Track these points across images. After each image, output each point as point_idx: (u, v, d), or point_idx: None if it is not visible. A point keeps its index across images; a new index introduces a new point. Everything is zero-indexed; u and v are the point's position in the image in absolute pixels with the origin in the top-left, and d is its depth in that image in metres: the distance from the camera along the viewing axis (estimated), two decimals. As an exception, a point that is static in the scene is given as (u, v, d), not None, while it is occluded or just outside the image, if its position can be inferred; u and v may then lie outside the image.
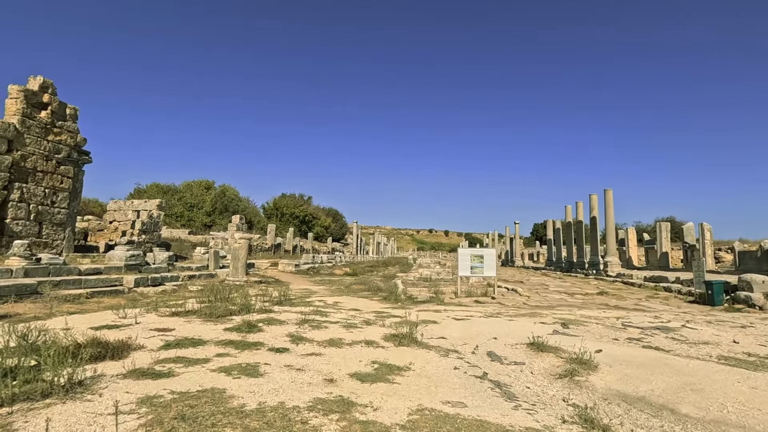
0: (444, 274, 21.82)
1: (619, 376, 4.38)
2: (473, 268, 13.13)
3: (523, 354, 5.34)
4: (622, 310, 10.20)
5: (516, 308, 10.26)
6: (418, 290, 13.62)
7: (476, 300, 11.74)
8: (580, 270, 22.42)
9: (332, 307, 9.30)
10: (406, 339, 5.73)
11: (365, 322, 7.37)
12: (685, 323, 8.13)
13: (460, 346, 5.77)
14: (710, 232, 18.49)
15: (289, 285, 15.92)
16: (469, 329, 6.93)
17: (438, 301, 11.51)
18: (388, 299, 11.47)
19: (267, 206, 52.34)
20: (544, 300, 12.20)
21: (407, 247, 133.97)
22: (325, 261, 28.41)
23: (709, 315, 9.56)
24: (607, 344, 6.11)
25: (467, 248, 13.55)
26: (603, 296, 13.49)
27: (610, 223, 19.58)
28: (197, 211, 35.84)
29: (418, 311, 9.06)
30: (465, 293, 12.99)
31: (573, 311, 9.81)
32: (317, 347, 5.29)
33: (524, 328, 7.14)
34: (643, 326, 7.81)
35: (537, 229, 76.61)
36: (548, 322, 8.00)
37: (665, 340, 6.59)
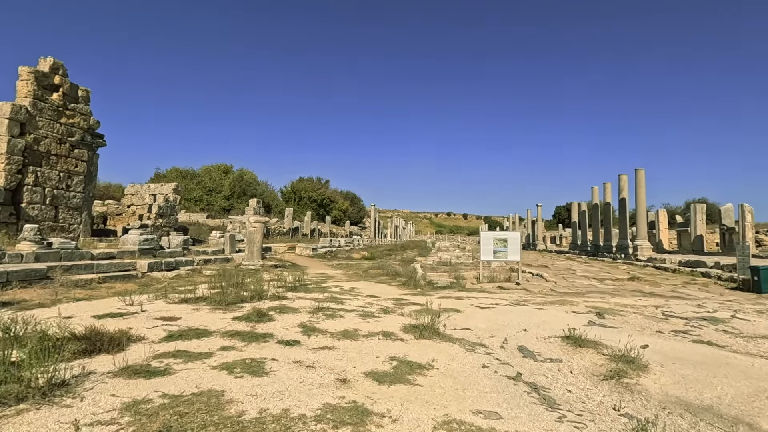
0: (464, 258, 21.24)
1: (675, 379, 3.79)
2: (496, 252, 12.51)
3: (559, 349, 4.79)
4: (659, 298, 9.47)
5: (543, 295, 9.66)
6: (438, 275, 13.11)
7: (499, 286, 11.16)
8: (607, 254, 21.44)
9: (348, 294, 8.89)
10: (428, 330, 5.24)
11: (383, 310, 6.91)
12: (734, 313, 7.40)
13: (487, 339, 5.25)
14: (751, 214, 17.25)
15: (306, 269, 15.64)
16: (496, 319, 6.39)
17: (459, 287, 10.98)
18: (407, 285, 11.00)
19: (285, 190, 52.33)
20: (572, 286, 11.53)
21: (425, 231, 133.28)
22: (343, 245, 28.13)
23: (758, 304, 8.75)
24: (651, 338, 5.50)
25: (489, 232, 12.92)
26: (635, 282, 12.71)
27: (641, 204, 18.49)
28: (216, 195, 35.94)
29: (438, 298, 8.57)
30: (487, 278, 12.42)
31: (605, 299, 9.15)
32: (330, 340, 4.85)
33: (556, 318, 6.56)
34: (687, 317, 7.12)
35: (559, 212, 74.78)
36: (581, 311, 7.40)
37: (716, 333, 5.92)
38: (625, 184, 20.14)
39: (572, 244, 28.23)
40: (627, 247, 19.64)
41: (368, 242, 37.86)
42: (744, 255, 11.22)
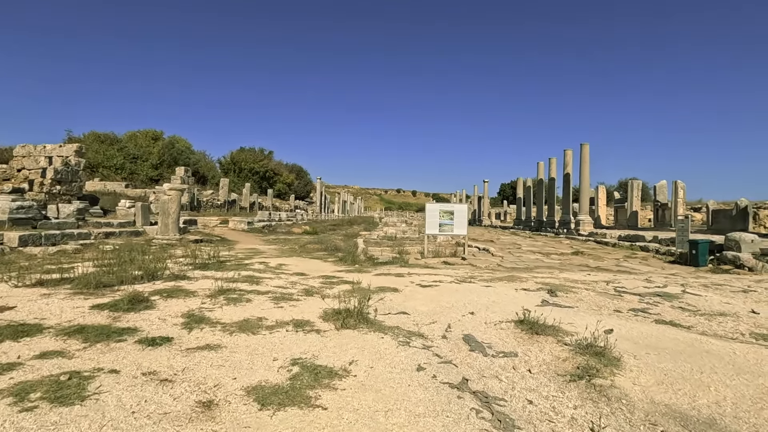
0: (410, 232, 20.49)
1: (657, 377, 2.98)
2: (442, 226, 11.69)
3: (513, 338, 3.88)
4: (606, 272, 9.09)
5: (490, 271, 8.94)
6: (380, 250, 12.12)
7: (445, 261, 10.36)
8: (550, 229, 21.68)
9: (272, 271, 7.60)
10: (354, 317, 4.14)
11: (306, 291, 5.72)
12: (683, 288, 7.02)
13: (427, 325, 4.25)
14: (683, 191, 17.93)
15: (234, 244, 14.04)
16: (439, 299, 5.44)
17: (402, 263, 10.04)
18: (345, 261, 9.88)
19: (224, 161, 48.79)
20: (519, 261, 11.00)
21: (375, 207, 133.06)
22: (284, 219, 26.43)
23: (700, 277, 8.59)
24: (612, 318, 4.80)
25: (436, 204, 12.05)
26: (579, 256, 12.49)
27: (585, 180, 18.62)
28: (142, 163, 32.35)
29: (376, 275, 7.52)
30: (432, 253, 11.61)
31: (554, 274, 8.59)
32: (219, 335, 3.61)
33: (506, 297, 5.74)
34: (640, 292, 6.62)
35: (504, 189, 76.84)
36: (531, 288, 6.67)
37: (674, 311, 5.37)
38: (569, 159, 20.21)
39: (517, 220, 28.59)
40: (569, 223, 19.85)
41: (313, 217, 36.25)
42: (683, 230, 11.21)
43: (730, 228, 15.27)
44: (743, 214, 14.79)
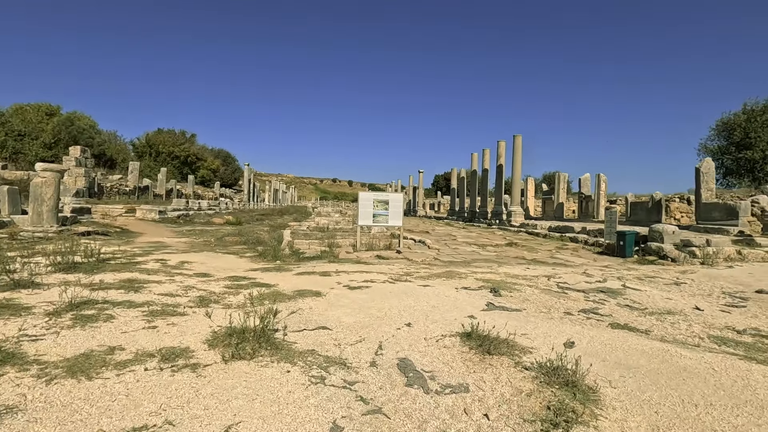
0: (343, 223, 19.44)
1: (649, 419, 2.27)
2: (376, 216, 10.80)
3: (460, 360, 3.04)
4: (543, 266, 8.79)
5: (427, 265, 8.21)
6: (309, 243, 10.96)
7: (378, 255, 9.48)
8: (483, 220, 21.86)
9: (166, 272, 6.17)
10: (253, 340, 3.05)
11: (201, 300, 4.48)
12: (623, 283, 6.76)
13: (353, 345, 3.28)
14: (605, 183, 18.86)
15: (137, 237, 12.06)
16: (370, 306, 4.49)
17: (331, 258, 9.00)
18: (264, 256, 8.61)
19: (138, 143, 43.92)
20: (456, 254, 10.45)
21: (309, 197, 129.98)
22: (205, 208, 24.05)
23: (632, 269, 8.56)
24: (566, 324, 4.18)
25: (370, 192, 11.11)
26: (513, 248, 12.31)
27: (517, 171, 18.84)
28: (31, 142, 27.73)
29: (299, 274, 6.42)
30: (365, 246, 10.68)
31: (493, 268, 8.07)
32: (26, 385, 2.33)
33: (447, 300, 4.95)
34: (583, 288, 6.23)
35: (437, 180, 78.38)
36: (473, 286, 5.99)
37: (624, 311, 4.94)
38: (503, 150, 20.39)
39: (450, 211, 28.72)
40: (501, 214, 20.07)
41: (240, 206, 33.76)
42: (611, 221, 11.38)
43: (647, 219, 16.19)
44: (658, 207, 15.70)
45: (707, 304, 5.49)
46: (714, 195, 13.74)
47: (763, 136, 28.23)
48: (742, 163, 30.03)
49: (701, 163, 13.84)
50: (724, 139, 31.10)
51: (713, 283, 7.08)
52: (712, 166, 13.81)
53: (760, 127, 28.52)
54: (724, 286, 6.82)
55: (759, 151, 28.20)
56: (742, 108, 30.42)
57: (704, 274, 7.98)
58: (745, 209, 12.05)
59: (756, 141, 28.33)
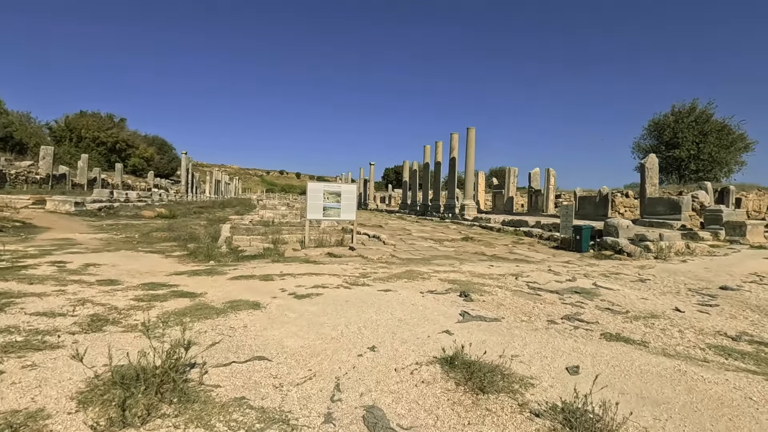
0: (290, 217, 18.21)
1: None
2: (327, 210, 9.83)
3: (447, 404, 2.26)
4: (505, 262, 8.32)
5: (385, 264, 7.41)
6: (250, 239, 9.78)
7: (330, 253, 8.55)
8: (436, 214, 21.51)
9: (58, 281, 4.86)
10: (148, 392, 2.06)
11: (91, 322, 3.35)
12: (593, 282, 6.37)
13: (299, 386, 2.39)
14: (554, 178, 19.19)
15: (41, 233, 10.22)
16: (322, 322, 3.61)
17: (276, 256, 7.95)
18: (196, 255, 7.40)
19: (56, 126, 39.15)
20: (413, 250, 9.75)
21: (255, 189, 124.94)
22: (134, 199, 21.66)
23: (593, 266, 8.32)
24: (555, 337, 3.56)
25: (319, 183, 10.11)
26: (470, 243, 11.88)
27: (471, 164, 18.59)
28: None
29: (235, 278, 5.36)
30: (315, 242, 9.70)
31: (455, 266, 7.45)
32: None
33: (414, 310, 4.17)
34: (555, 289, 5.73)
35: (387, 173, 78.07)
36: (439, 288, 5.27)
37: (607, 316, 4.45)
38: (456, 143, 20.08)
39: (402, 204, 28.24)
40: (454, 207, 19.79)
41: (177, 198, 31.11)
42: (567, 216, 11.25)
43: (594, 213, 16.55)
44: (605, 201, 16.06)
45: (682, 304, 5.17)
46: (657, 190, 14.20)
47: (689, 136, 30.43)
48: (670, 161, 32.29)
49: (646, 159, 14.22)
50: (655, 139, 33.27)
51: (674, 279, 6.93)
52: (656, 162, 14.25)
53: (686, 127, 30.71)
54: (686, 282, 6.66)
55: (685, 150, 30.39)
56: (671, 110, 32.66)
57: (662, 269, 7.88)
58: (687, 204, 12.46)
59: (683, 141, 30.50)
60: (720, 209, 11.25)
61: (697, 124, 30.59)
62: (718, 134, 30.20)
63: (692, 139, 30.34)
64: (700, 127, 30.44)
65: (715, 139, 30.03)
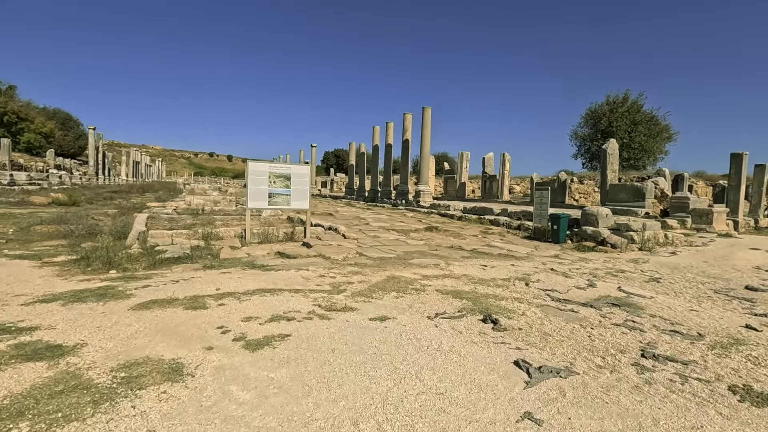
0: (224, 203, 15.82)
1: None
2: (273, 196, 7.95)
3: None
4: (495, 260, 7.07)
5: (356, 267, 5.79)
6: (173, 234, 7.62)
7: (280, 252, 6.74)
8: (387, 200, 20.11)
9: None
10: None
11: None
12: (619, 287, 5.28)
13: None
14: (510, 163, 18.62)
15: None
16: (303, 417, 1.94)
17: (208, 258, 6.01)
18: (90, 261, 5.25)
19: None
20: (380, 245, 8.21)
21: (182, 172, 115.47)
22: (23, 182, 17.75)
23: (585, 260, 7.37)
24: (692, 410, 2.24)
25: (263, 163, 8.12)
26: (436, 233, 10.61)
27: (426, 147, 17.31)
28: None
29: (142, 306, 3.45)
30: (258, 237, 7.81)
31: (442, 267, 6.03)
32: None
33: (446, 363, 2.64)
34: (582, 300, 4.52)
35: (327, 157, 75.33)
36: (448, 310, 3.81)
37: (685, 345, 3.29)
38: (409, 124, 18.67)
39: (348, 190, 26.44)
40: (407, 193, 18.51)
41: (84, 181, 26.63)
42: (542, 203, 10.35)
43: (552, 200, 16.09)
44: (563, 187, 15.66)
45: (737, 316, 4.19)
46: (617, 176, 13.93)
47: (623, 125, 31.83)
48: (605, 149, 33.78)
49: (608, 144, 13.84)
50: (591, 127, 34.54)
51: (684, 277, 6.10)
52: (616, 147, 13.94)
53: (620, 116, 32.08)
54: (702, 281, 5.83)
55: (619, 139, 31.78)
56: (606, 99, 33.96)
57: (659, 264, 7.11)
58: (651, 191, 12.19)
59: (617, 130, 31.85)
60: (687, 196, 11.06)
61: (629, 114, 32.13)
62: (647, 124, 31.94)
63: (625, 129, 31.79)
64: (632, 117, 32.00)
65: (645, 128, 31.71)
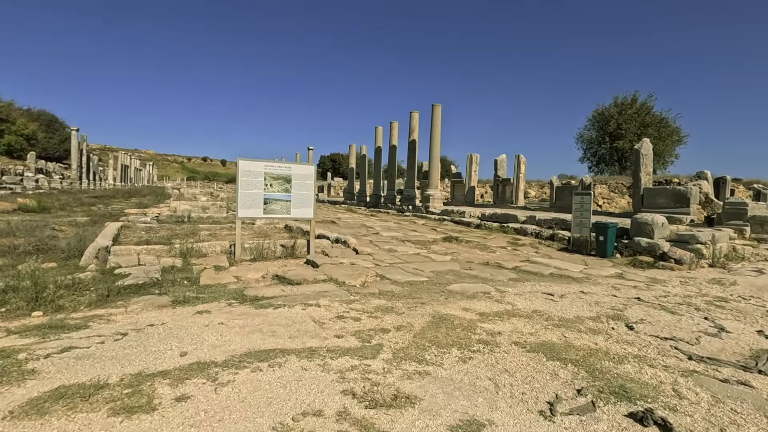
0: (214, 209, 14.25)
1: None
2: (270, 203, 6.44)
3: None
4: (553, 281, 5.59)
5: (384, 300, 4.26)
6: (143, 250, 6.05)
7: (279, 275, 5.21)
8: (392, 205, 18.60)
9: None
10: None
11: None
12: (759, 329, 3.83)
13: None
14: (525, 165, 17.20)
15: None
16: None
17: (183, 286, 4.49)
18: (7, 297, 3.69)
19: None
20: (401, 261, 6.70)
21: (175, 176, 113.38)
22: (-9, 186, 16.02)
23: (656, 280, 5.92)
24: None
25: (257, 162, 6.58)
26: (459, 245, 9.14)
27: (436, 147, 15.83)
28: None
29: (23, 411, 1.89)
30: (251, 254, 6.28)
31: (497, 297, 4.53)
32: None
33: None
34: (727, 358, 3.07)
35: (323, 162, 73.82)
36: (562, 393, 2.30)
37: None
38: (416, 123, 17.21)
39: (348, 194, 24.91)
40: (414, 198, 17.03)
41: (64, 186, 24.89)
42: (583, 210, 8.92)
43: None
44: (588, 191, 14.23)
45: None
46: (652, 180, 12.55)
47: (632, 128, 30.66)
48: (612, 152, 32.56)
49: (641, 143, 12.48)
50: (598, 130, 33.34)
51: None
52: (650, 147, 12.58)
53: (629, 118, 30.92)
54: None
55: (628, 142, 30.60)
56: (613, 101, 32.80)
57: (751, 285, 5.69)
58: (695, 195, 10.82)
59: (626, 132, 30.67)
60: (744, 202, 9.72)
61: (638, 116, 30.98)
62: (657, 126, 30.79)
63: (634, 131, 30.61)
64: (641, 119, 30.86)
65: (655, 131, 30.55)
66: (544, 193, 21.46)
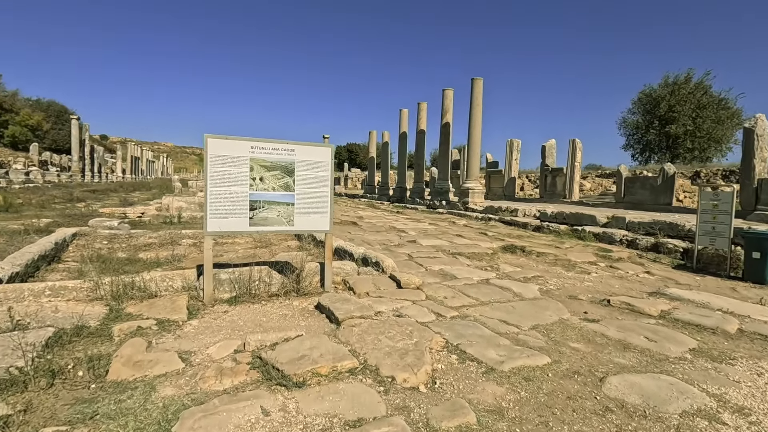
0: (211, 208, 11.84)
1: None
2: (260, 208, 3.98)
3: None
4: (748, 353, 3.00)
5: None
6: (44, 289, 3.67)
7: (264, 359, 2.74)
8: (419, 200, 16.08)
9: None
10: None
11: None
12: None
13: None
14: (581, 153, 14.39)
15: None
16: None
17: (75, 378, 2.06)
18: None
19: None
20: (474, 302, 4.18)
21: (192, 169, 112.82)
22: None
23: None
24: None
25: (239, 141, 4.14)
26: (525, 258, 6.59)
27: (476, 130, 13.09)
28: None
29: None
30: (232, 287, 3.86)
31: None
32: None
33: None
34: None
35: (340, 152, 71.48)
36: None
37: None
38: (450, 102, 14.54)
39: (368, 187, 22.41)
40: (447, 192, 14.47)
41: (62, 179, 23.06)
42: (715, 212, 6.22)
43: (652, 201, 11.88)
44: (668, 184, 11.42)
45: None
46: (766, 168, 9.67)
47: (686, 110, 27.20)
48: (661, 138, 29.12)
49: (755, 120, 9.58)
50: (645, 114, 29.88)
51: None
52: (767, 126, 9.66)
53: (682, 99, 27.44)
54: None
55: (681, 126, 27.18)
56: (663, 80, 29.26)
57: None
58: None
59: (679, 115, 27.22)
60: None
61: (693, 97, 27.46)
62: (715, 108, 27.23)
63: (689, 114, 27.14)
64: (697, 101, 27.33)
65: (713, 113, 27.03)
66: (600, 185, 18.56)
